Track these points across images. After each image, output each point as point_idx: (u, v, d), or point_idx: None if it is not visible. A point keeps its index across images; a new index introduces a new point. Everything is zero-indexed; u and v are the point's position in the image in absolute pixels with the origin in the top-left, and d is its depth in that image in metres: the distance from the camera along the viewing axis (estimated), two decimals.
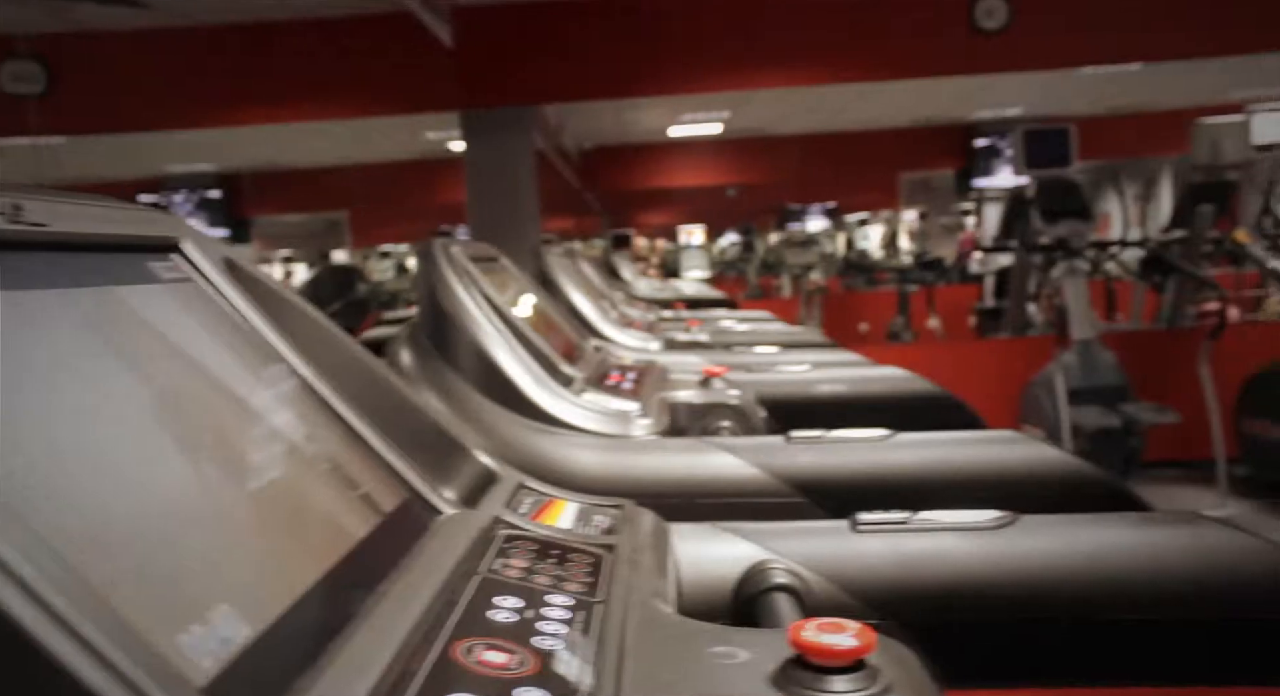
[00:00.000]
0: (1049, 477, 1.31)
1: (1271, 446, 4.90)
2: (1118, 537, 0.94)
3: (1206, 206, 5.41)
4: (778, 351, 2.46)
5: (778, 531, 0.98)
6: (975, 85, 7.56)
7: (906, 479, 1.33)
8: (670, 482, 1.26)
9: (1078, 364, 4.86)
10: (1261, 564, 0.90)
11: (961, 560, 0.93)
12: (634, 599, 0.72)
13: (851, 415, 1.58)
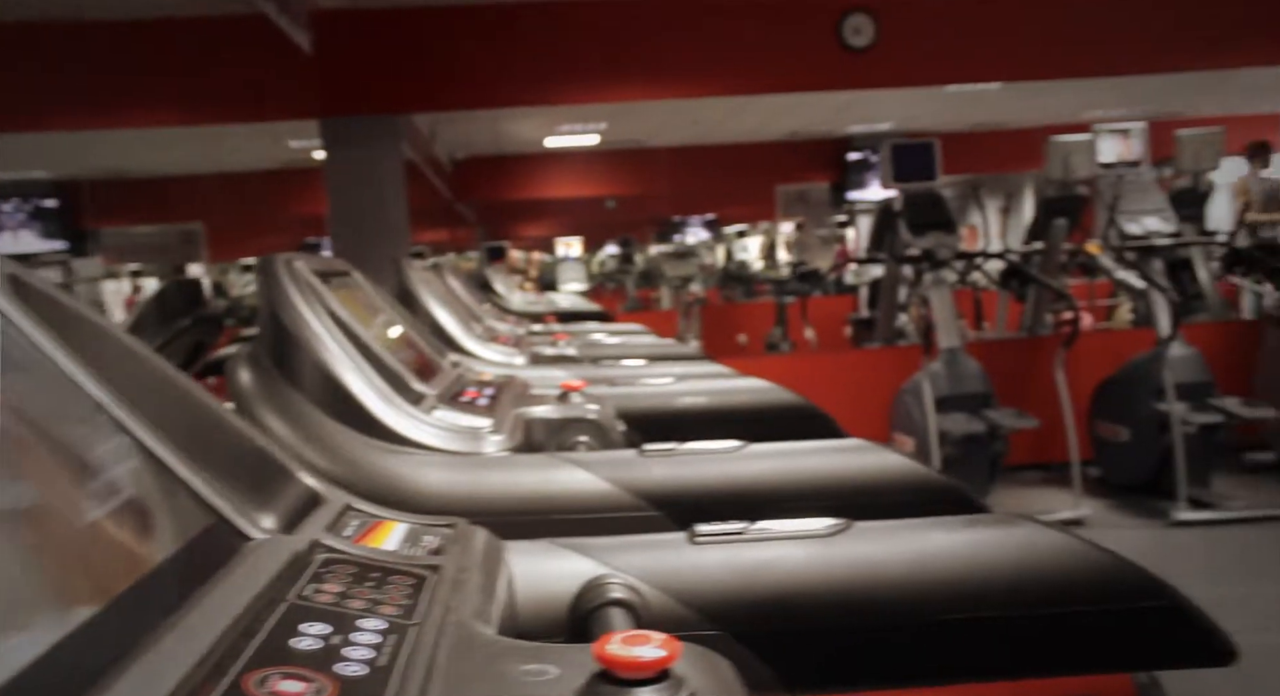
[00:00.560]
0: (894, 484, 1.34)
1: (1120, 449, 5.16)
2: (943, 540, 0.97)
3: (1060, 220, 5.68)
4: (644, 365, 2.47)
5: (615, 546, 0.98)
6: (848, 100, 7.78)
7: (757, 489, 1.34)
8: (519, 500, 1.24)
9: (944, 372, 5.03)
10: (1075, 561, 0.94)
11: (796, 568, 0.94)
12: (452, 620, 0.70)
13: (713, 427, 1.60)
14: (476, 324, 2.92)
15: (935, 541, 0.96)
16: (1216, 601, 3.48)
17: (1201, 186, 5.82)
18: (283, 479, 0.89)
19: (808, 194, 12.13)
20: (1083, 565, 0.92)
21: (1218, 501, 4.79)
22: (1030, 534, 0.96)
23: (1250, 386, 5.54)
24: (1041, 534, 0.95)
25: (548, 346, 2.75)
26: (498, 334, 2.95)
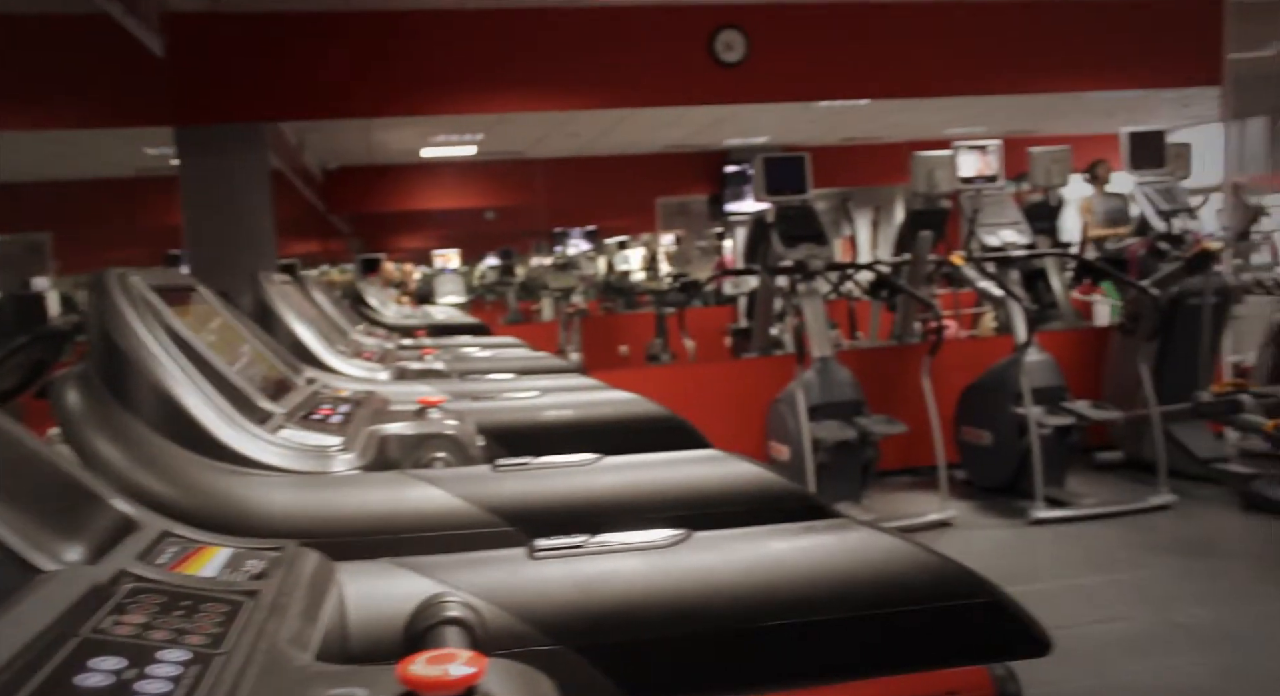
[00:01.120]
0: (745, 493, 1.37)
1: (983, 452, 5.38)
2: (779, 547, 0.99)
3: (926, 232, 5.89)
4: (511, 378, 2.45)
5: (454, 563, 0.96)
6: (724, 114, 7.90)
7: (610, 501, 1.35)
8: (364, 519, 1.22)
9: (817, 381, 5.15)
10: (903, 563, 0.97)
11: (635, 580, 0.95)
12: (264, 647, 0.68)
13: (576, 440, 1.59)
14: (341, 339, 2.85)
15: (771, 548, 0.98)
16: (1070, 593, 3.67)
17: (1052, 201, 6.12)
18: (92, 507, 0.85)
19: (688, 206, 12.29)
20: (910, 566, 0.95)
21: (1072, 499, 5.04)
22: (862, 538, 0.98)
23: (1100, 390, 5.86)
24: (872, 538, 0.98)
25: (415, 361, 2.70)
26: (363, 349, 2.89)
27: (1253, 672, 3.09)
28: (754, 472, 1.37)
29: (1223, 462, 5.37)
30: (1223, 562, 4.24)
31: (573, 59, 5.68)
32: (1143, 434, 5.31)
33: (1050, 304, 6.45)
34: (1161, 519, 4.84)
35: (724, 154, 10.87)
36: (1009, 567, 4.27)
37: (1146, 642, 3.38)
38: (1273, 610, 3.66)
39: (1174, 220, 5.46)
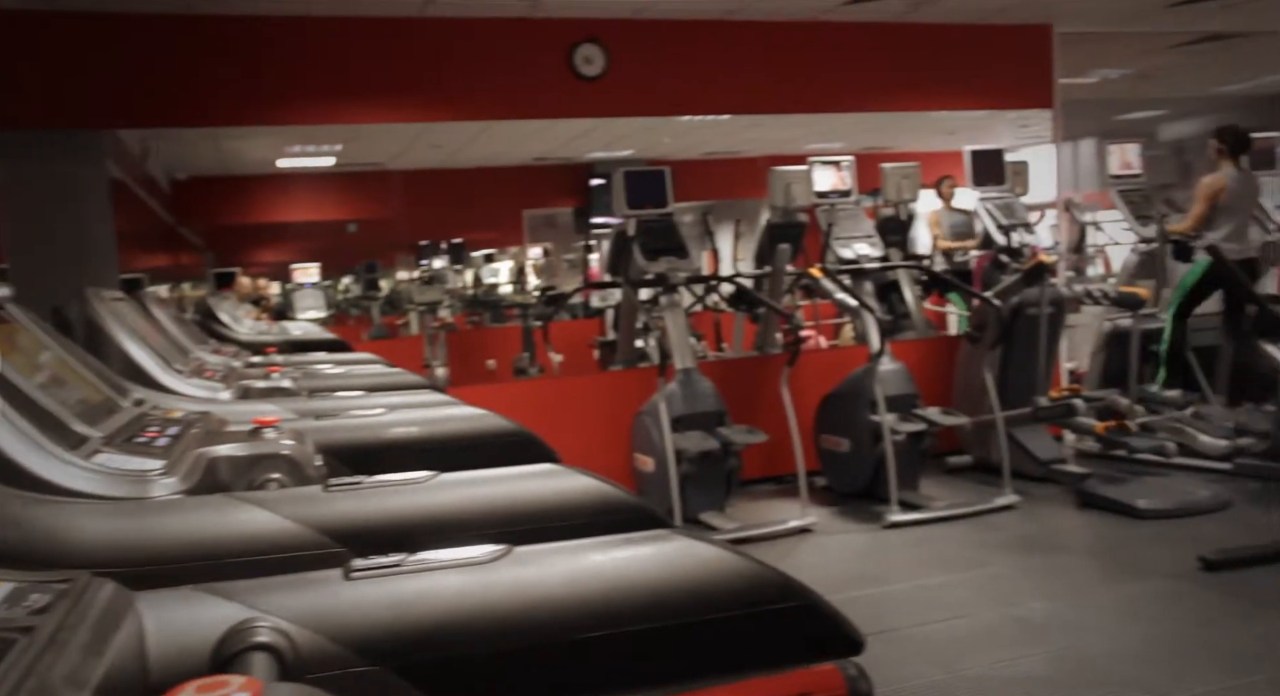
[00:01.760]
0: (581, 506, 1.37)
1: (841, 459, 5.54)
2: (600, 560, 0.99)
3: (784, 245, 6.05)
4: (361, 395, 2.40)
5: (265, 587, 0.93)
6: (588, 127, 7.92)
7: (444, 519, 1.33)
8: (180, 546, 1.16)
9: (680, 393, 5.21)
10: (721, 570, 0.98)
11: (454, 597, 0.94)
12: (31, 687, 0.64)
13: (423, 457, 1.57)
14: (182, 357, 2.74)
15: (591, 561, 0.99)
16: (921, 592, 3.80)
17: (902, 214, 6.38)
18: None
19: (555, 218, 12.26)
20: (728, 574, 0.97)
21: (924, 503, 5.24)
22: (681, 548, 1.00)
23: (951, 396, 6.12)
24: (691, 547, 0.99)
25: (261, 379, 2.61)
26: (207, 367, 2.77)
27: (1083, 658, 3.27)
28: (591, 486, 1.37)
29: (1060, 464, 5.67)
30: (1059, 558, 4.48)
31: (431, 71, 5.60)
32: (989, 438, 5.57)
33: (904, 314, 6.71)
34: (1006, 518, 5.08)
35: (590, 167, 10.90)
36: (866, 570, 4.41)
37: (990, 636, 3.53)
38: (1101, 600, 3.89)
39: (1013, 234, 5.76)
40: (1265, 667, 3.14)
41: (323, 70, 5.42)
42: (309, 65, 5.40)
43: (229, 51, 5.23)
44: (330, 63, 5.43)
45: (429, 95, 5.67)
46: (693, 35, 6.09)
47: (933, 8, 6.21)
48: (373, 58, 5.48)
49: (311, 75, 5.41)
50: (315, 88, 5.43)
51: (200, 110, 5.23)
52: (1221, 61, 8.75)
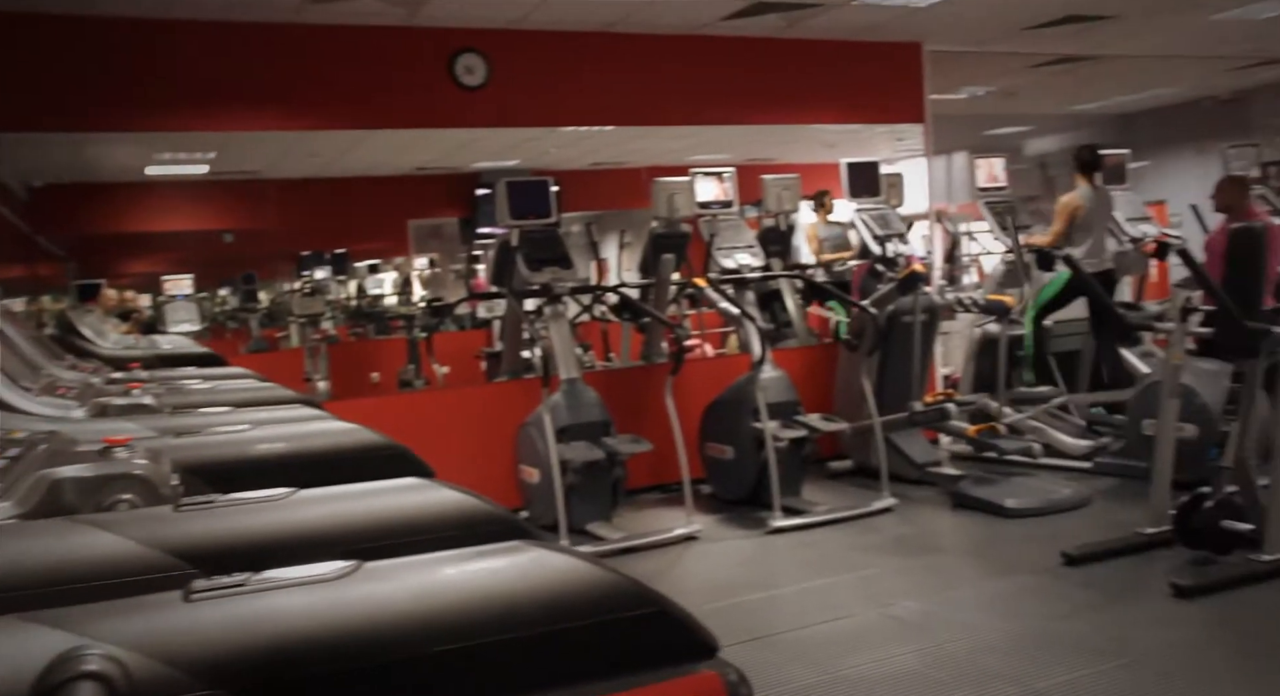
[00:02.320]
0: (445, 519, 1.35)
1: (726, 466, 5.62)
2: (450, 572, 0.98)
3: (668, 255, 6.10)
4: (227, 411, 2.32)
5: (98, 612, 0.90)
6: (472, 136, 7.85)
7: (303, 536, 1.29)
8: (11, 574, 1.10)
9: (565, 403, 5.20)
10: (575, 580, 0.99)
11: (301, 616, 0.92)
12: None
13: (288, 474, 1.52)
14: (32, 374, 2.60)
15: (443, 574, 0.98)
16: (803, 595, 3.87)
17: (782, 225, 6.52)
18: None
19: (441, 228, 12.11)
20: (581, 583, 0.97)
21: (806, 508, 5.35)
22: (535, 558, 1.00)
23: (832, 402, 6.27)
24: (545, 557, 1.00)
25: (120, 396, 2.50)
26: (60, 384, 2.64)
27: (953, 654, 3.39)
28: (454, 499, 1.36)
29: (936, 466, 5.88)
30: (933, 558, 4.63)
31: (307, 78, 5.48)
32: (868, 443, 5.73)
33: (786, 323, 6.85)
34: (884, 521, 5.23)
35: (476, 176, 10.81)
36: (750, 576, 4.48)
37: (867, 636, 3.63)
38: (971, 596, 4.04)
39: (888, 244, 5.94)
40: (1120, 654, 3.30)
41: (192, 76, 5.25)
42: (177, 70, 5.22)
43: (91, 54, 5.01)
44: (200, 68, 5.25)
45: (305, 103, 5.54)
46: (574, 46, 6.11)
47: (809, 24, 6.38)
48: (246, 64, 5.33)
49: (180, 80, 5.23)
50: (184, 93, 5.25)
51: (60, 115, 4.99)
52: (1076, 82, 9.26)
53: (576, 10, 5.67)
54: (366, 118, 5.71)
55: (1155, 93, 10.32)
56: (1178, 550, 4.28)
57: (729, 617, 3.91)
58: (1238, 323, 3.97)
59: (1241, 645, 3.44)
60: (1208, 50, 8.21)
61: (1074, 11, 6.51)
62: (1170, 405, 4.37)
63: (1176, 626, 3.56)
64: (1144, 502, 4.51)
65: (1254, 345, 4.01)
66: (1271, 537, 3.97)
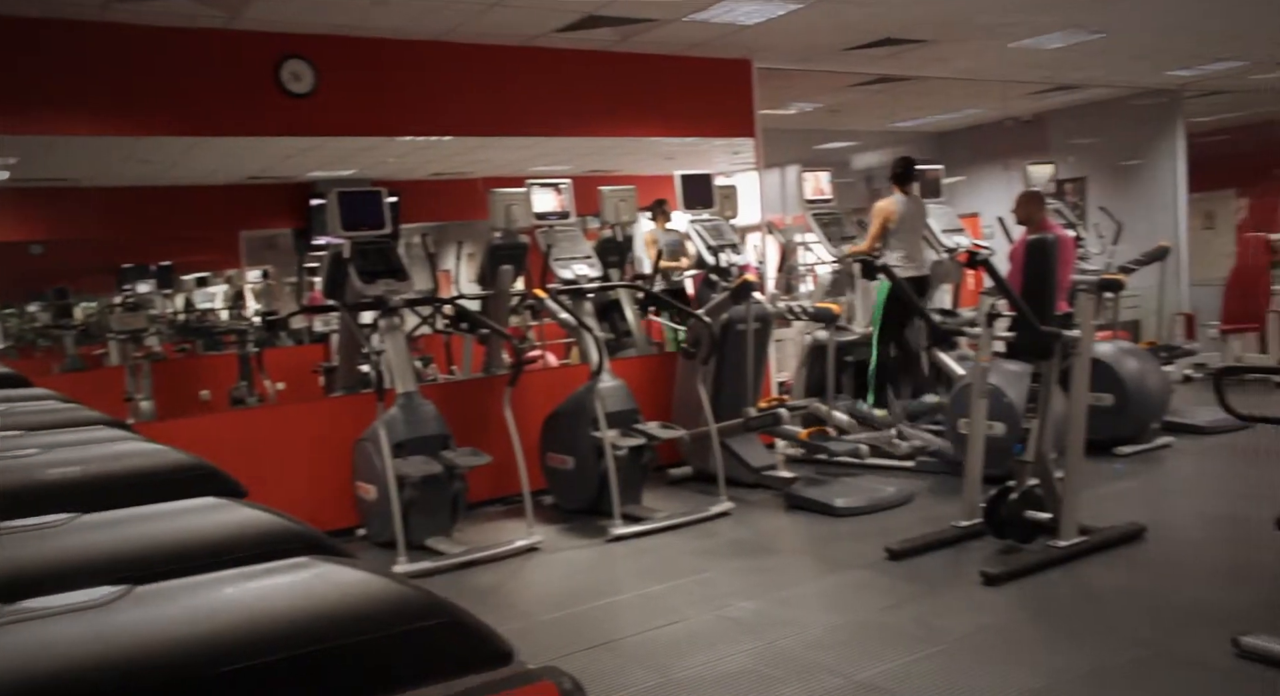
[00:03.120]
0: (236, 538, 1.32)
1: (567, 476, 5.64)
2: (231, 592, 0.97)
3: (506, 266, 6.09)
4: (18, 435, 2.18)
5: None
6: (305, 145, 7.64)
7: (82, 562, 1.24)
8: None
9: (402, 417, 5.12)
10: (361, 593, 0.98)
11: (62, 645, 0.88)
12: None
13: (85, 499, 1.45)
14: None
15: (222, 594, 0.96)
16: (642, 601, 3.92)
17: (619, 236, 6.60)
18: None
19: (276, 240, 11.70)
20: (369, 596, 0.97)
21: (646, 515, 5.42)
22: (320, 573, 0.99)
23: (671, 410, 6.38)
24: (331, 571, 0.99)
25: None
26: None
27: (783, 650, 3.51)
28: (248, 516, 1.33)
29: (771, 470, 6.06)
30: (767, 559, 4.77)
31: (120, 81, 5.20)
32: (706, 449, 5.86)
33: (625, 332, 6.94)
34: (722, 524, 5.36)
35: (311, 186, 10.50)
36: (591, 584, 4.51)
37: (703, 637, 3.71)
38: (801, 594, 4.19)
39: (721, 254, 6.10)
40: (936, 641, 3.50)
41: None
42: None
43: None
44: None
45: (118, 108, 5.26)
46: (408, 55, 6.03)
47: (641, 39, 6.50)
48: (48, 64, 5.02)
49: None
50: None
51: None
52: (895, 100, 9.76)
53: (407, 18, 5.60)
54: (188, 124, 5.47)
55: (966, 112, 10.99)
56: (989, 540, 4.57)
57: (570, 626, 3.94)
58: (1034, 327, 4.27)
59: (1041, 624, 3.70)
60: (1009, 75, 8.81)
61: (890, 35, 6.87)
62: (979, 405, 4.66)
63: (986, 611, 3.80)
64: (960, 498, 4.79)
65: (1048, 347, 4.32)
66: (1066, 525, 4.30)
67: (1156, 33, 7.46)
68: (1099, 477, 5.74)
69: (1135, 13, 6.78)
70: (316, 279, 11.20)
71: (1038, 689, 3.07)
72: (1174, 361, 7.35)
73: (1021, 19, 6.69)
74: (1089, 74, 9.00)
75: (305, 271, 9.58)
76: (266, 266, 12.61)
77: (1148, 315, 9.22)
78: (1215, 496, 5.54)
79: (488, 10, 5.60)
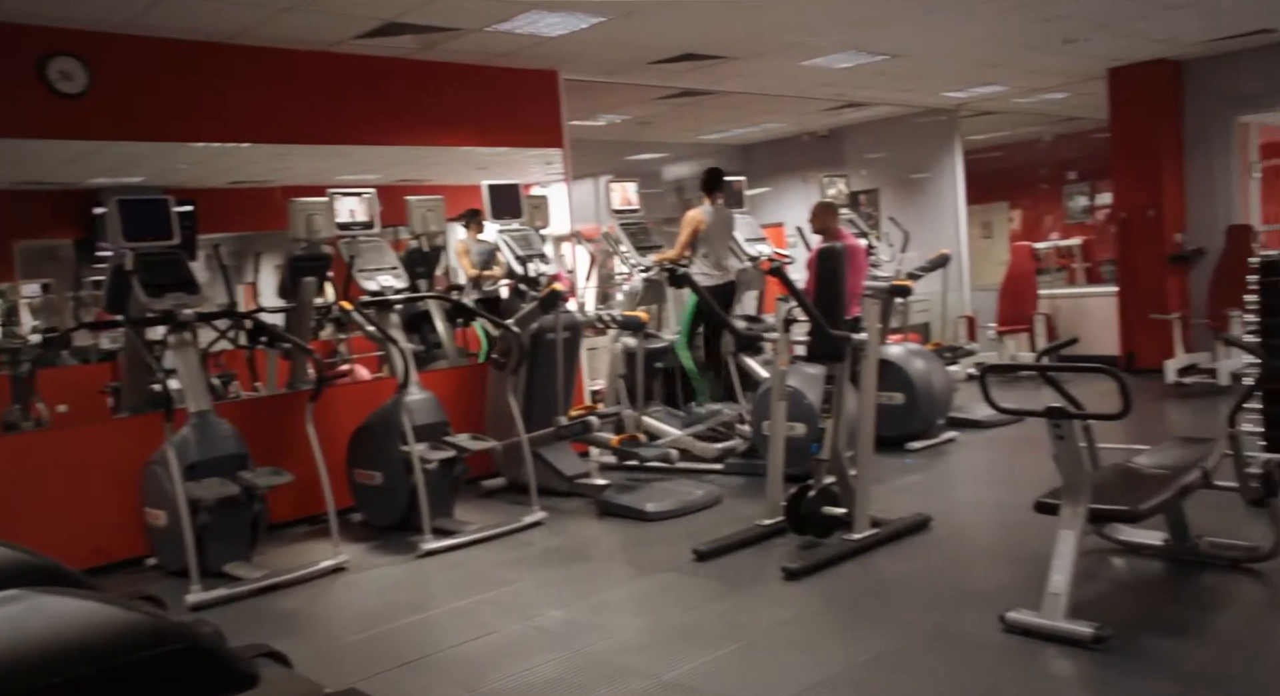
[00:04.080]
0: None
1: (376, 492, 5.50)
2: None
3: (309, 278, 5.89)
4: None
5: None
6: (87, 149, 7.15)
7: None
8: None
9: (194, 438, 4.86)
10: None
11: None
12: None
13: None
14: None
15: None
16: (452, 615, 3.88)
17: (425, 246, 6.50)
18: None
19: (56, 251, 10.87)
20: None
21: (458, 528, 5.36)
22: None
23: (484, 421, 6.33)
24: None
25: None
26: None
27: (591, 656, 3.54)
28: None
29: (585, 478, 6.11)
30: (579, 566, 4.81)
31: None
32: (519, 459, 5.84)
33: (436, 344, 6.84)
34: (534, 534, 5.36)
35: (93, 193, 9.82)
36: (401, 601, 4.41)
37: (512, 649, 3.70)
38: (612, 599, 4.24)
39: (530, 264, 6.12)
40: (738, 638, 3.62)
41: None
42: None
43: None
44: None
45: None
46: (197, 57, 5.76)
47: (446, 47, 6.44)
48: None
49: None
50: None
51: None
52: (700, 113, 10.08)
53: (193, 17, 5.34)
54: None
55: (767, 126, 11.46)
56: (791, 537, 4.77)
57: (378, 645, 3.84)
58: (825, 331, 4.49)
59: (838, 614, 3.89)
60: (803, 91, 9.25)
61: (691, 50, 7.08)
62: (779, 407, 4.86)
63: (786, 605, 3.96)
64: (764, 498, 4.97)
65: (839, 350, 4.56)
66: (860, 519, 4.54)
67: (931, 58, 8.02)
68: (892, 472, 6.10)
69: (913, 39, 7.27)
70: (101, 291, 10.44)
71: (829, 677, 3.23)
72: (958, 361, 7.89)
73: (808, 40, 7.03)
74: (875, 93, 9.56)
75: (90, 285, 8.96)
76: (46, 279, 11.72)
77: (935, 318, 9.87)
78: (991, 485, 5.99)
79: (279, 15, 5.41)
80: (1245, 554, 3.96)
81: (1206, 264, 8.98)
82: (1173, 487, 3.56)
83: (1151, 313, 8.90)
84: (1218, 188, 9.12)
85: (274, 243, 10.14)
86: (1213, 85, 9.01)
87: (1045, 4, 6.46)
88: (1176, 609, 3.69)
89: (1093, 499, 3.45)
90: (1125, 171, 9.37)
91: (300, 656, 3.60)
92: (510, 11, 5.75)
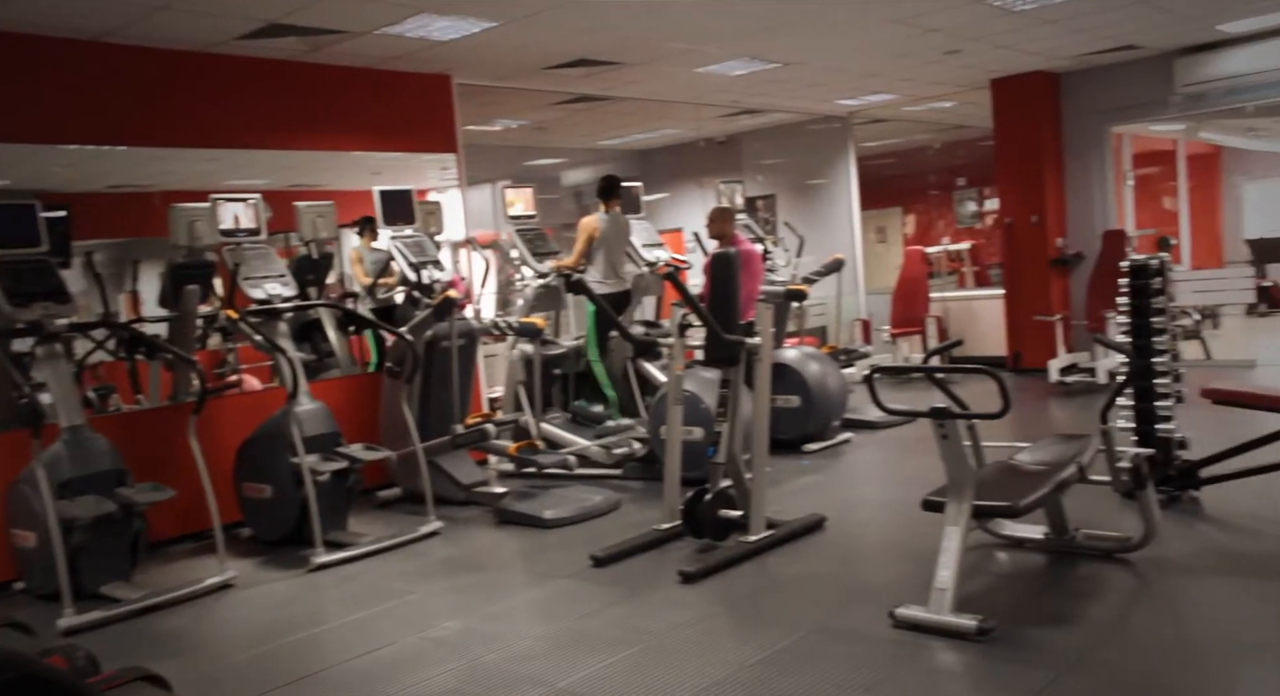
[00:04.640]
0: None
1: (265, 505, 5.33)
2: None
3: (192, 286, 5.69)
4: None
5: None
6: None
7: None
8: None
9: (67, 454, 4.65)
10: None
11: None
12: None
13: None
14: None
15: None
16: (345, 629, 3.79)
17: (314, 253, 6.34)
18: None
19: None
20: None
21: (352, 540, 5.23)
22: None
23: (379, 431, 6.21)
24: None
25: None
26: None
27: (487, 666, 3.49)
28: None
29: (483, 486, 6.04)
30: (475, 575, 4.74)
31: None
32: (415, 469, 5.74)
33: (328, 353, 6.67)
34: (430, 545, 5.27)
35: None
36: (291, 617, 4.28)
37: (407, 662, 3.63)
38: (509, 607, 4.19)
39: (424, 271, 6.02)
40: (634, 642, 3.61)
41: None
42: None
43: None
44: None
45: None
46: (64, 56, 5.52)
47: (334, 50, 6.30)
48: None
49: None
50: None
51: None
52: (597, 119, 10.09)
53: (57, 12, 5.10)
54: None
55: (665, 132, 11.54)
56: (689, 541, 4.79)
57: (268, 663, 3.72)
58: (719, 335, 4.53)
59: (734, 615, 3.92)
60: (698, 98, 9.35)
61: (584, 56, 7.08)
62: (675, 411, 4.88)
63: (683, 608, 3.97)
64: (662, 502, 4.98)
65: (734, 354, 4.60)
66: (756, 521, 4.59)
67: (821, 66, 8.18)
68: (788, 474, 6.19)
69: (803, 48, 7.41)
70: None
71: (721, 679, 3.25)
72: (852, 363, 8.05)
73: (701, 47, 7.11)
74: (770, 100, 9.72)
75: None
76: None
77: (831, 322, 10.07)
78: (884, 484, 6.13)
79: (152, 14, 5.22)
80: (1118, 544, 4.14)
81: (1085, 267, 9.37)
82: (1051, 483, 3.69)
83: (1036, 314, 9.24)
84: (1095, 194, 9.53)
85: (154, 249, 9.77)
86: (1087, 97, 9.42)
87: (922, 15, 6.66)
88: (1055, 599, 3.82)
89: (976, 496, 3.55)
90: (1009, 178, 9.72)
91: (182, 679, 3.49)
92: (399, 15, 5.66)
